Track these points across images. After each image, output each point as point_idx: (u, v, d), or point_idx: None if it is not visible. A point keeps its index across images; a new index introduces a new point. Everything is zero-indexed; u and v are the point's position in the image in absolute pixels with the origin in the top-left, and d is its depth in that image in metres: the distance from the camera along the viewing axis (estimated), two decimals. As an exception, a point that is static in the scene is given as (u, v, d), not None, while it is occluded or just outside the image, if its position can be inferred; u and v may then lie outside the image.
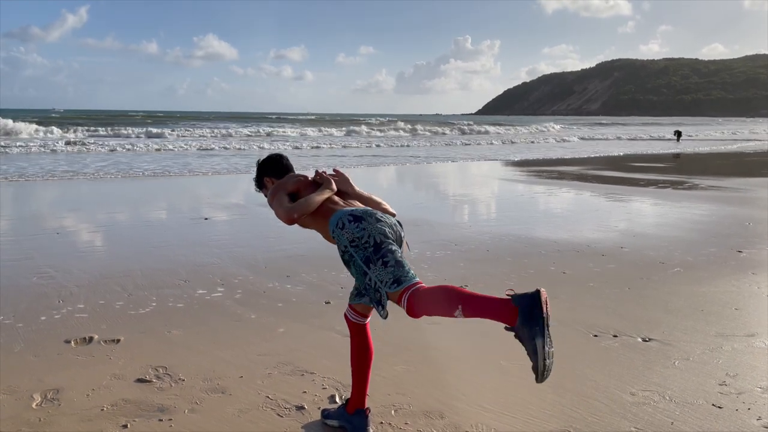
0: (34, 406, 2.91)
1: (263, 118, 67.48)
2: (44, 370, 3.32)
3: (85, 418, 2.80)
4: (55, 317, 4.19)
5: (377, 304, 2.43)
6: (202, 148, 24.57)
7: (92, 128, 33.62)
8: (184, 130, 35.82)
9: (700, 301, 4.66)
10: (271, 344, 3.75)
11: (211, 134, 34.21)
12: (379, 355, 2.72)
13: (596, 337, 3.90)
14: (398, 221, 2.64)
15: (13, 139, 25.11)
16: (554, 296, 4.79)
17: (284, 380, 3.23)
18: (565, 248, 6.50)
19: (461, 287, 2.29)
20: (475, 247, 6.53)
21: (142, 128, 35.30)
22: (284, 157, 2.89)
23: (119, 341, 3.77)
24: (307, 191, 2.72)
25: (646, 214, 9.40)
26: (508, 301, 2.20)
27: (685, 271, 5.59)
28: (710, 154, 26.02)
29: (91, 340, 3.78)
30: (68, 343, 3.73)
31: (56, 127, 31.50)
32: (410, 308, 2.31)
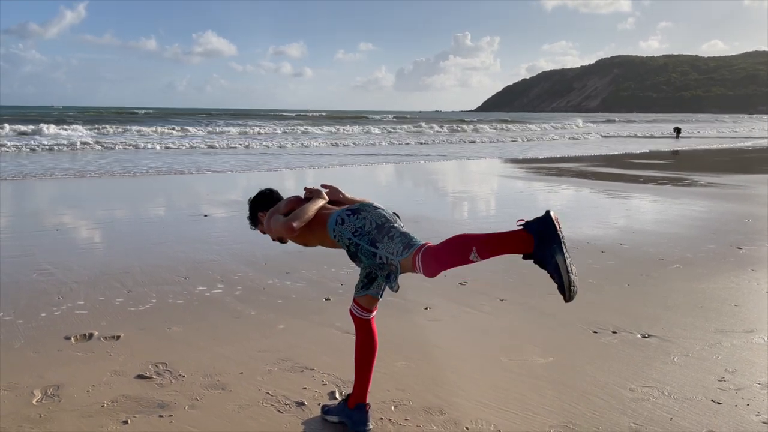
0: (34, 402, 2.92)
1: (278, 115, 65.27)
2: (44, 366, 3.33)
3: (85, 414, 2.80)
4: (55, 314, 4.20)
5: (389, 278, 2.49)
6: (248, 146, 24.15)
7: (110, 125, 33.16)
8: (222, 128, 34.75)
9: (699, 297, 4.67)
10: (271, 341, 3.75)
11: (240, 132, 33.09)
12: (379, 351, 2.72)
13: (596, 333, 3.91)
14: (396, 213, 2.66)
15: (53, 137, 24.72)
16: (554, 293, 4.78)
17: (284, 376, 3.23)
18: (564, 245, 6.50)
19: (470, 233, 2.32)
20: (474, 243, 6.52)
21: (179, 125, 34.58)
22: (275, 191, 2.92)
23: (119, 338, 3.77)
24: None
25: (645, 210, 9.40)
26: (520, 230, 2.24)
27: (684, 267, 5.60)
28: (709, 150, 26.00)
29: (91, 336, 3.79)
30: (68, 339, 3.73)
31: (81, 125, 31.23)
32: (426, 266, 2.35)
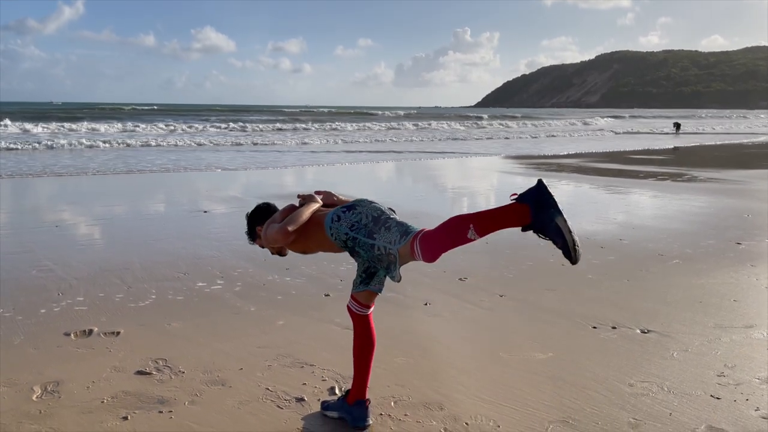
0: (34, 398, 2.92)
1: (280, 111, 64.17)
2: (44, 362, 3.33)
3: (85, 410, 2.80)
4: (54, 310, 4.20)
5: (389, 269, 2.51)
6: (277, 143, 23.62)
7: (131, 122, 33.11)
8: (244, 125, 34.24)
9: (698, 292, 4.67)
10: (270, 336, 3.75)
11: (264, 127, 32.64)
12: (378, 347, 2.72)
13: (595, 328, 3.91)
14: (391, 208, 2.68)
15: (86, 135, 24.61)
16: (554, 288, 4.80)
17: (284, 372, 3.23)
18: (564, 240, 6.50)
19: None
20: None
21: (201, 122, 34.17)
22: (271, 204, 2.91)
23: (119, 334, 3.77)
24: None
25: (645, 206, 9.40)
26: (514, 204, 2.27)
27: (683, 263, 5.60)
28: (709, 146, 25.99)
29: (90, 332, 3.79)
30: (68, 335, 3.74)
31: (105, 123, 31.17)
32: (425, 251, 2.37)
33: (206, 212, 8.18)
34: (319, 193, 2.86)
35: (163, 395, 2.95)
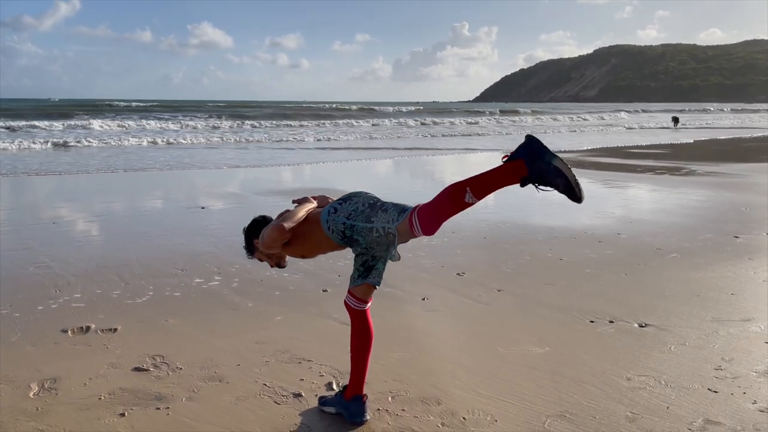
0: (31, 395, 2.91)
1: (284, 107, 60.46)
2: (41, 359, 3.32)
3: (82, 407, 2.80)
4: (52, 307, 4.19)
5: (388, 249, 2.53)
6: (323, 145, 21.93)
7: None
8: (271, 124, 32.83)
9: (696, 286, 4.67)
10: (268, 332, 3.75)
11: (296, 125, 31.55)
12: (376, 342, 2.72)
13: (593, 322, 3.91)
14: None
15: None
16: (551, 283, 4.80)
17: (281, 368, 3.23)
18: (561, 235, 6.51)
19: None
20: (472, 234, 6.53)
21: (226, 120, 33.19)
22: (267, 217, 2.90)
23: (116, 330, 3.77)
24: None
25: (643, 200, 9.40)
26: (508, 162, 2.30)
27: (681, 256, 5.60)
28: (707, 140, 25.98)
29: (88, 329, 3.78)
30: (65, 332, 3.73)
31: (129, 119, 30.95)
32: (424, 224, 2.37)
33: (203, 208, 8.17)
34: (314, 197, 2.86)
35: (160, 392, 2.95)
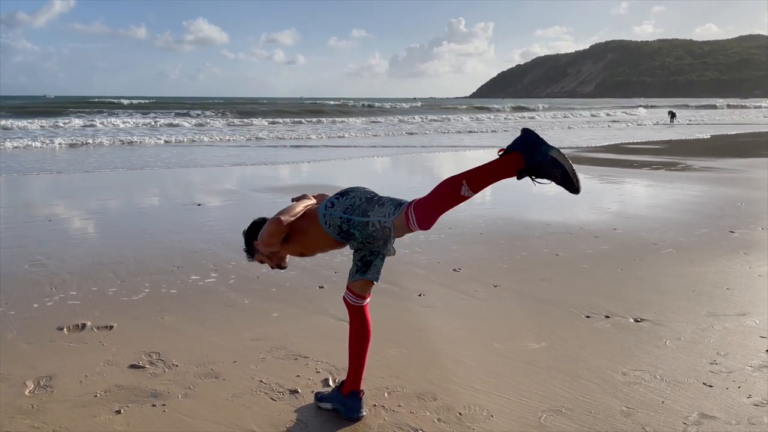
0: (27, 393, 2.91)
1: (289, 104, 56.42)
2: (37, 357, 3.32)
3: (78, 404, 2.80)
4: (47, 304, 4.18)
5: (386, 244, 2.55)
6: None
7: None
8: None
9: (692, 281, 4.69)
10: (264, 329, 3.75)
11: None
12: (372, 338, 2.72)
13: (589, 318, 3.92)
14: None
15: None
16: (547, 278, 4.81)
17: (278, 364, 3.23)
18: (558, 230, 6.52)
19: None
20: (468, 230, 6.53)
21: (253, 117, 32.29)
22: (266, 219, 2.90)
23: (112, 328, 3.76)
24: None
25: (639, 195, 9.42)
26: (504, 155, 2.30)
27: (677, 251, 5.62)
28: (704, 135, 26.02)
29: (84, 326, 3.78)
30: (61, 330, 3.72)
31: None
32: (421, 218, 2.37)
33: (200, 205, 8.15)
34: (313, 196, 2.86)
35: (156, 389, 2.95)
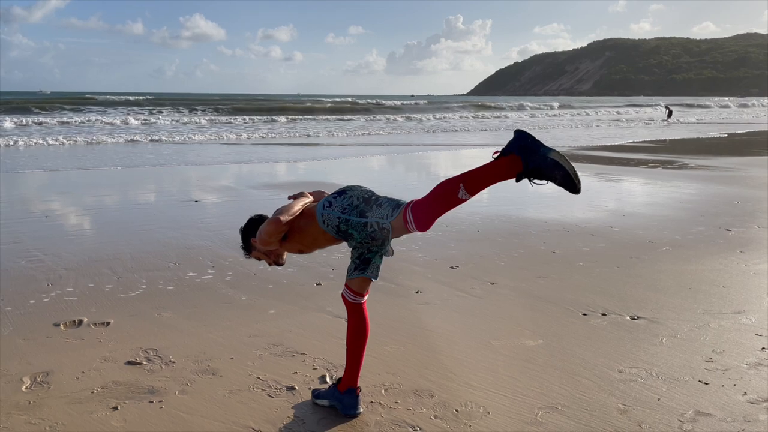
0: (23, 389, 2.91)
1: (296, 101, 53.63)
2: (33, 353, 3.31)
3: (75, 400, 2.80)
4: (44, 300, 4.17)
5: (383, 245, 2.55)
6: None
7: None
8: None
9: (688, 279, 4.70)
10: (261, 326, 3.75)
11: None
12: (370, 335, 2.72)
13: (585, 315, 3.93)
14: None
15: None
16: (544, 276, 4.81)
17: (275, 361, 3.23)
18: (555, 228, 6.53)
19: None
20: (466, 227, 6.54)
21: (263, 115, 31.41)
22: (263, 215, 2.89)
23: (109, 324, 3.76)
24: None
25: (635, 193, 9.43)
26: (501, 157, 2.29)
27: (673, 249, 5.63)
28: (701, 133, 26.06)
29: (80, 323, 3.77)
30: (57, 326, 3.72)
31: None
32: (418, 220, 2.38)
33: (197, 202, 8.14)
34: (310, 193, 2.86)
35: (153, 385, 2.95)
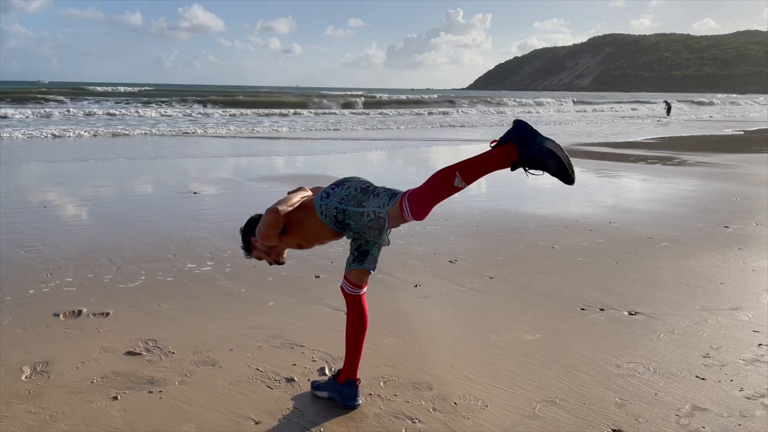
0: (23, 378, 2.91)
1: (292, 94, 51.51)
2: (33, 343, 3.32)
3: (74, 390, 2.81)
4: (43, 291, 4.18)
5: (380, 235, 2.55)
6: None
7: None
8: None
9: (686, 275, 4.71)
10: (260, 317, 3.76)
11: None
12: (369, 327, 2.73)
13: (583, 310, 3.94)
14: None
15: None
16: (543, 270, 4.83)
17: (274, 353, 3.24)
18: (553, 223, 6.54)
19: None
20: (464, 222, 6.54)
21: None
22: (262, 215, 2.89)
23: (108, 314, 3.77)
24: None
25: (634, 189, 9.44)
26: (499, 146, 2.30)
27: (672, 245, 5.65)
28: (699, 130, 26.08)
29: (80, 313, 3.78)
30: (57, 316, 3.72)
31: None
32: (414, 209, 2.38)
33: (196, 193, 8.13)
34: (310, 189, 2.86)
35: (153, 375, 2.96)
